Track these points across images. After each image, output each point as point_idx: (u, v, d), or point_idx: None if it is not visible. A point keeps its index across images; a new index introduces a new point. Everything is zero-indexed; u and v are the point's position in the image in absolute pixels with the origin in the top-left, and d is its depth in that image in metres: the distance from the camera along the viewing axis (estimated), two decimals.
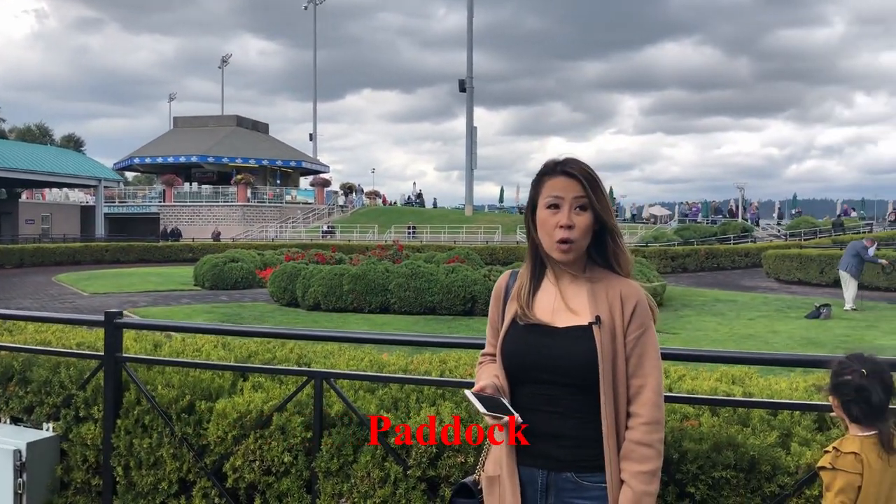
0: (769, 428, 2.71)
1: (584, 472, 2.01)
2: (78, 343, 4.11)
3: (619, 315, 2.03)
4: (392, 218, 50.91)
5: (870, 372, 2.20)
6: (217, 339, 4.24)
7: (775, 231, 42.05)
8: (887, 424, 2.20)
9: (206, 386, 3.47)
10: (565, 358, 2.01)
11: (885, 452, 2.16)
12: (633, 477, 1.95)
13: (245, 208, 52.42)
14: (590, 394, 2.00)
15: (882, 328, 13.65)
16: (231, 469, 3.26)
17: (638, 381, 2.01)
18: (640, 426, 1.98)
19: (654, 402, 2.00)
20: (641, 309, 2.05)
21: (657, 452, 1.98)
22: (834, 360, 2.32)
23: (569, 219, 2.03)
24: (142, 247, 37.90)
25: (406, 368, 3.52)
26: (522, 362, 2.06)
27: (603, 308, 2.03)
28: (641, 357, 2.02)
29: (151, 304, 17.60)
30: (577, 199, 2.03)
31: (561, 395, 2.02)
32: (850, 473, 2.15)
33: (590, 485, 2.00)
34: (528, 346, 2.07)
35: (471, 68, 53.25)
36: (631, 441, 1.98)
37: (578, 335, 2.02)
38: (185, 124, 64.36)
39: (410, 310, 16.09)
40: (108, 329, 3.59)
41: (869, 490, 2.14)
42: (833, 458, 2.20)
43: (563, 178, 2.05)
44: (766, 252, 27.22)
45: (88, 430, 3.61)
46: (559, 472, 2.02)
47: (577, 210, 2.03)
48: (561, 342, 2.03)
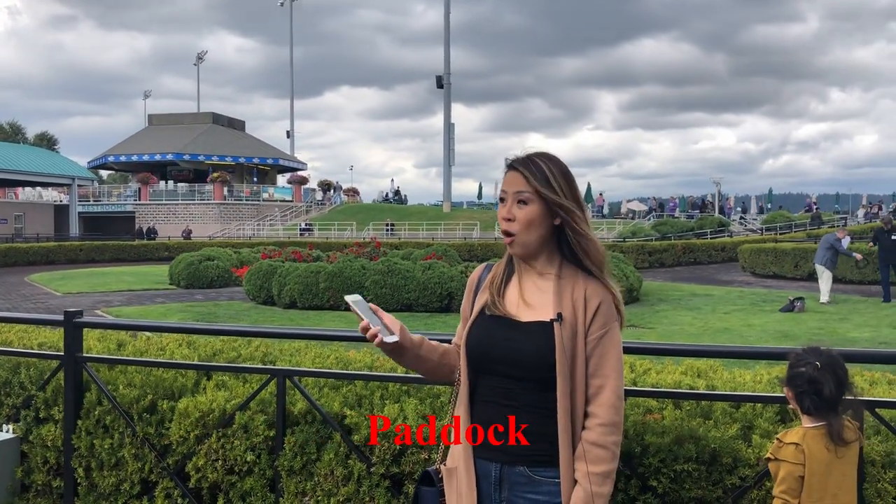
0: (731, 420, 2.72)
1: (536, 467, 2.00)
2: (39, 343, 4.04)
3: (582, 314, 2.02)
4: (370, 215, 50.80)
5: (823, 364, 2.21)
6: (182, 338, 4.18)
7: (751, 225, 42.43)
8: (838, 417, 2.20)
9: (169, 385, 3.43)
10: (523, 352, 2.01)
11: (832, 444, 2.17)
12: (585, 477, 1.94)
13: (222, 206, 52.04)
14: (546, 390, 1.99)
15: (854, 321, 13.80)
16: (194, 469, 3.22)
17: (597, 381, 2.00)
18: (596, 427, 1.97)
19: (612, 404, 1.98)
20: (605, 309, 2.03)
21: (612, 455, 1.97)
22: (791, 352, 2.32)
23: (508, 211, 2.05)
24: (117, 246, 37.51)
25: (371, 365, 3.49)
26: (483, 353, 2.07)
27: (566, 305, 2.02)
28: (602, 357, 2.01)
29: (126, 304, 17.41)
30: (517, 194, 2.04)
31: (517, 390, 2.02)
32: (790, 464, 2.17)
33: (542, 479, 1.99)
34: (489, 338, 2.07)
35: (448, 64, 53.23)
36: (586, 441, 1.97)
37: (539, 330, 2.01)
38: (161, 122, 63.78)
39: (387, 307, 16.03)
40: (68, 329, 3.53)
41: (812, 481, 2.15)
42: (776, 448, 2.23)
43: (509, 173, 2.08)
44: (742, 246, 27.44)
45: (49, 431, 3.55)
46: (512, 465, 2.01)
47: (518, 204, 2.04)
48: (521, 336, 2.03)
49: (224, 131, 62.36)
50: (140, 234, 45.02)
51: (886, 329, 12.70)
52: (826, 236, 17.66)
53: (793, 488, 2.15)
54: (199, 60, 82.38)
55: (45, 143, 77.49)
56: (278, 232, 47.54)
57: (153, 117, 65.60)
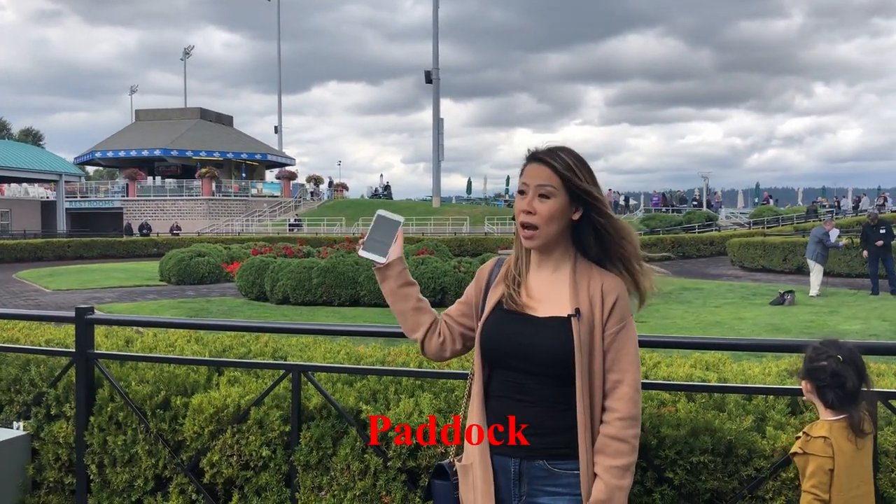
0: (744, 412, 2.76)
1: (555, 460, 2.02)
2: (47, 340, 4.03)
3: (599, 309, 2.03)
4: (359, 210, 50.68)
5: (845, 358, 2.24)
6: (190, 334, 4.19)
7: (739, 219, 42.66)
8: (858, 409, 2.24)
9: (181, 381, 3.43)
10: (541, 348, 2.01)
11: (854, 436, 2.20)
12: (606, 471, 1.96)
13: (210, 202, 51.82)
14: (563, 385, 2.00)
15: (843, 313, 13.94)
16: (208, 464, 3.23)
17: (615, 375, 2.01)
18: (615, 421, 1.98)
19: (630, 398, 2.00)
20: (622, 303, 2.04)
21: (632, 448, 1.98)
22: (808, 345, 2.36)
23: (529, 205, 2.02)
24: (105, 242, 37.29)
25: (383, 360, 3.51)
26: (499, 348, 2.07)
27: (583, 300, 2.03)
28: (619, 352, 2.02)
29: (117, 300, 17.34)
30: (540, 187, 2.02)
31: (533, 385, 2.03)
32: (820, 457, 2.19)
33: (562, 472, 2.01)
34: (506, 333, 2.07)
35: (436, 59, 53.13)
36: (606, 436, 1.98)
37: (556, 326, 2.02)
38: (148, 117, 63.37)
39: (380, 302, 16.02)
40: (79, 325, 3.53)
41: (841, 474, 2.18)
42: (804, 443, 2.24)
43: (532, 165, 2.06)
44: (731, 240, 27.61)
45: (60, 428, 3.55)
46: (531, 460, 2.03)
47: (540, 198, 2.02)
48: (538, 332, 2.03)
49: (212, 126, 62.03)
50: (128, 231, 44.75)
51: (876, 321, 12.82)
52: (814, 230, 17.79)
53: (823, 482, 2.17)
54: (185, 55, 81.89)
55: (30, 139, 76.94)
56: (267, 227, 47.39)
57: (140, 113, 65.15)
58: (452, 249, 27.17)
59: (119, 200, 53.23)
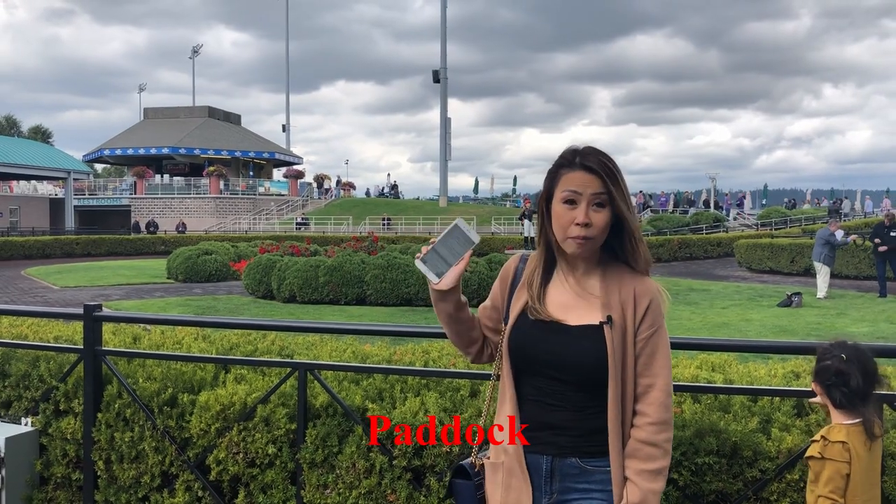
0: (750, 414, 2.76)
1: (587, 458, 2.00)
2: (55, 337, 4.06)
3: (632, 313, 2.00)
4: (366, 209, 50.76)
5: (849, 356, 2.24)
6: (197, 332, 4.21)
7: (747, 221, 42.55)
8: (869, 411, 2.23)
9: (189, 378, 3.45)
10: (574, 357, 1.98)
11: (868, 440, 2.19)
12: (638, 475, 1.94)
13: (218, 200, 51.97)
14: (595, 391, 1.98)
15: (851, 316, 13.89)
16: (214, 462, 3.25)
17: (646, 380, 1.99)
18: (646, 426, 1.96)
19: (662, 402, 1.98)
20: (654, 307, 2.02)
21: (664, 452, 1.96)
22: (819, 346, 2.36)
23: (586, 216, 1.95)
24: (113, 240, 37.41)
25: (389, 359, 3.52)
26: (529, 357, 2.04)
27: (615, 306, 2.00)
28: (651, 356, 2.00)
29: (124, 298, 17.40)
30: (595, 196, 1.95)
31: (564, 391, 2.01)
32: (838, 462, 2.16)
33: (594, 469, 2.00)
34: (535, 342, 2.03)
35: (444, 59, 53.17)
36: (637, 440, 1.96)
37: (589, 334, 1.99)
38: (156, 115, 63.59)
39: (386, 301, 16.08)
40: (88, 322, 3.55)
41: (857, 478, 2.16)
42: (822, 447, 2.21)
43: (581, 173, 1.97)
44: (738, 242, 27.53)
45: (68, 424, 3.57)
46: (563, 457, 2.01)
47: (594, 207, 1.96)
48: (571, 341, 2.00)
49: (220, 125, 62.21)
50: (136, 228, 44.90)
51: (884, 324, 12.78)
52: (820, 232, 17.69)
53: (840, 487, 2.15)
54: (194, 54, 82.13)
55: (39, 137, 77.25)
56: (274, 226, 47.50)
57: (149, 111, 65.37)
58: None
59: (127, 198, 53.42)
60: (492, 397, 2.24)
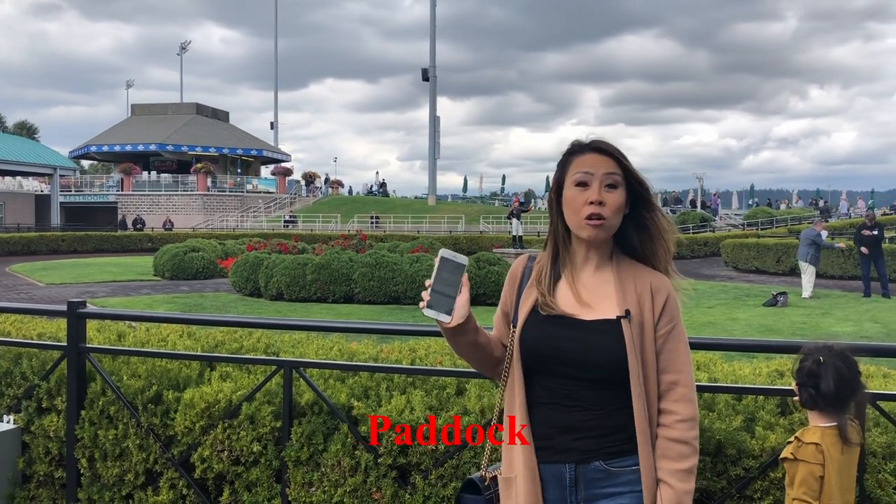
0: (734, 413, 2.77)
1: (612, 459, 1.92)
2: (39, 334, 4.03)
3: (649, 309, 1.94)
4: (355, 207, 50.68)
5: (826, 360, 2.23)
6: (182, 329, 4.19)
7: (733, 220, 42.78)
8: (844, 417, 2.22)
9: (174, 376, 3.44)
10: (592, 353, 1.91)
11: (843, 444, 2.19)
12: (672, 475, 1.88)
13: (205, 197, 51.74)
14: (613, 388, 1.91)
15: (836, 315, 13.97)
16: (199, 459, 3.23)
17: (670, 376, 1.94)
18: (677, 424, 1.91)
19: (689, 398, 1.93)
20: (671, 302, 1.97)
21: (694, 450, 1.92)
22: (804, 346, 2.36)
23: (599, 194, 1.91)
24: (99, 236, 37.18)
25: (376, 357, 3.51)
26: (544, 355, 1.95)
27: (631, 301, 1.94)
28: (673, 352, 1.95)
29: (110, 295, 17.30)
30: (607, 176, 1.92)
31: (583, 390, 1.93)
32: (811, 464, 2.16)
33: (620, 470, 1.92)
34: (550, 339, 1.95)
35: (434, 57, 53.12)
36: (668, 439, 1.90)
37: (606, 329, 1.92)
38: (144, 112, 63.24)
39: (374, 299, 16.06)
40: (71, 319, 3.52)
41: (831, 481, 2.16)
42: (795, 448, 2.21)
43: (592, 155, 1.95)
44: (725, 241, 27.67)
45: (51, 421, 3.54)
46: (586, 462, 1.92)
47: (607, 188, 1.92)
48: (587, 336, 1.93)
49: (208, 122, 61.94)
50: (123, 225, 44.64)
51: (868, 323, 12.86)
52: (806, 232, 17.79)
53: (813, 489, 2.15)
54: (182, 50, 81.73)
55: (24, 132, 76.65)
56: (262, 223, 47.34)
57: (136, 107, 65.00)
58: (447, 247, 27.17)
59: (114, 195, 53.09)
60: (503, 401, 2.11)
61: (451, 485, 2.86)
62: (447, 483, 2.87)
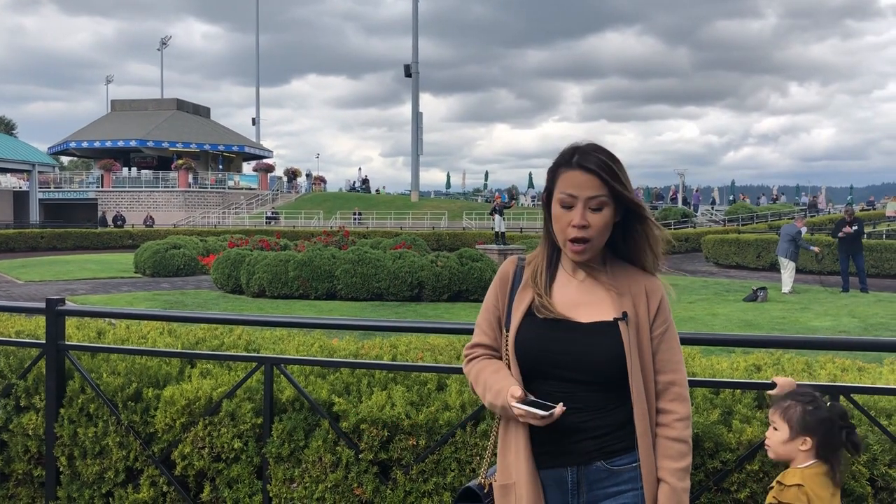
0: (712, 406, 2.80)
1: (613, 457, 1.94)
2: (17, 331, 4.00)
3: (645, 310, 1.98)
4: (337, 204, 50.55)
5: (834, 406, 2.25)
6: (163, 326, 4.17)
7: (715, 216, 43.07)
8: (839, 459, 2.20)
9: (154, 373, 3.42)
10: (590, 355, 1.92)
11: (833, 485, 2.17)
12: (672, 474, 1.92)
13: (186, 194, 51.39)
14: (612, 389, 1.93)
15: (815, 310, 14.11)
16: (180, 456, 3.22)
17: (666, 376, 1.98)
18: (675, 423, 1.95)
19: (684, 397, 1.98)
20: (665, 304, 2.02)
21: (690, 448, 1.97)
22: (809, 394, 2.30)
23: (582, 218, 1.91)
24: (79, 233, 36.85)
25: (357, 353, 3.52)
26: (541, 358, 1.96)
27: (627, 303, 1.96)
28: (668, 353, 1.99)
29: (90, 292, 17.15)
30: (591, 200, 1.91)
31: (581, 392, 1.93)
32: None
33: (621, 468, 1.94)
34: (548, 342, 1.96)
35: (416, 53, 53.06)
36: (668, 438, 1.95)
37: (603, 331, 1.94)
38: (124, 108, 62.66)
39: (357, 296, 16.03)
40: (50, 316, 3.50)
41: None
42: (777, 492, 2.19)
43: (578, 173, 1.92)
44: (706, 237, 27.87)
45: (30, 419, 3.52)
46: (588, 464, 1.94)
47: (591, 210, 1.92)
48: (584, 338, 1.94)
49: (189, 118, 61.48)
50: (103, 222, 44.26)
51: (846, 318, 13.00)
52: (786, 227, 17.94)
53: None
54: (162, 45, 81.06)
55: (2, 128, 75.75)
56: (244, 220, 47.11)
57: (116, 103, 64.39)
58: (430, 244, 27.19)
59: (94, 191, 52.60)
60: (499, 421, 2.09)
61: (431, 480, 2.87)
62: (428, 478, 2.88)
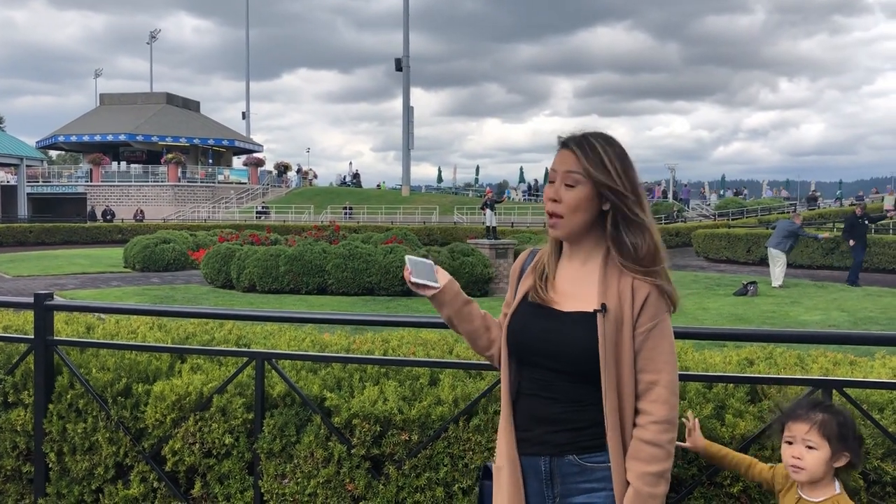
0: (704, 400, 2.79)
1: (585, 453, 1.93)
2: (5, 326, 3.96)
3: (629, 305, 1.92)
4: (328, 198, 50.43)
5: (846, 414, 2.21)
6: (152, 321, 4.14)
7: (705, 211, 43.20)
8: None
9: (143, 368, 3.40)
10: (564, 344, 1.92)
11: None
12: (639, 478, 1.86)
13: (176, 188, 51.19)
14: (589, 383, 1.91)
15: (805, 304, 14.19)
16: (170, 452, 3.20)
17: (649, 376, 1.91)
18: (650, 425, 1.88)
19: (665, 400, 1.89)
20: (654, 300, 1.94)
21: (667, 453, 1.88)
22: (835, 408, 2.25)
23: (555, 192, 1.94)
24: (68, 228, 36.65)
25: (348, 348, 3.50)
26: (522, 343, 1.99)
27: (611, 296, 1.92)
28: (653, 351, 1.92)
29: (80, 287, 17.07)
30: (567, 174, 1.94)
31: (558, 382, 1.94)
32: None
33: (594, 465, 1.93)
34: (529, 327, 1.99)
35: (407, 47, 52.95)
36: (640, 440, 1.88)
37: (582, 322, 1.92)
38: (113, 101, 62.30)
39: (348, 291, 16.01)
40: (38, 311, 3.46)
41: None
42: None
43: (561, 151, 1.98)
44: (696, 232, 27.94)
45: (18, 415, 3.48)
46: (561, 455, 1.94)
47: (566, 186, 1.94)
48: (561, 327, 1.94)
49: (178, 112, 61.17)
50: (92, 216, 44.03)
51: (835, 312, 13.08)
52: (782, 222, 18.03)
53: None
54: (152, 39, 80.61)
55: None
56: (234, 214, 46.96)
57: (105, 97, 64.00)
58: (421, 238, 27.17)
59: (83, 186, 52.31)
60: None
61: (424, 475, 2.86)
62: (420, 473, 2.87)
